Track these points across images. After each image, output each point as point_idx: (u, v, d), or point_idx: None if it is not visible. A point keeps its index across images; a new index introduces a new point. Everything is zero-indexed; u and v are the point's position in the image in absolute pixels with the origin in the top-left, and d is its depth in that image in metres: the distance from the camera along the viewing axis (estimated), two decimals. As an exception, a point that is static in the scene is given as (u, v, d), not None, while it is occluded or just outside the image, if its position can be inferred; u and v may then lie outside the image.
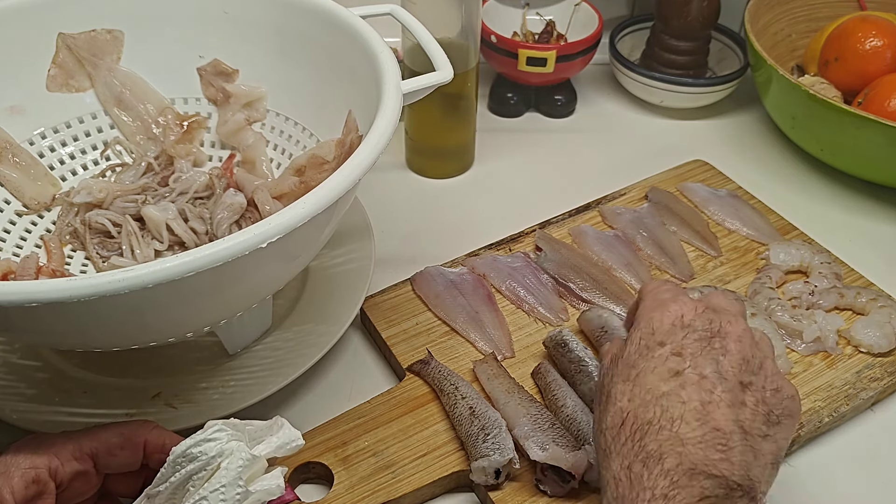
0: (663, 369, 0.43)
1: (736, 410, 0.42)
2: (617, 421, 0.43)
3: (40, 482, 0.41)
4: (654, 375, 0.43)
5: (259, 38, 0.64)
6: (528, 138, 0.86)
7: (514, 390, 0.56)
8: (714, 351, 0.43)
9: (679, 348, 0.44)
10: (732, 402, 0.42)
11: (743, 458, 0.40)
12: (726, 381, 0.42)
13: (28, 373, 0.57)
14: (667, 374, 0.43)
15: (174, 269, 0.38)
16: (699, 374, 0.42)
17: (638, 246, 0.70)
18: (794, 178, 0.82)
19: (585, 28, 0.86)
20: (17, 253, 0.60)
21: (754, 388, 0.43)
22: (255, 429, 0.44)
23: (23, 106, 0.63)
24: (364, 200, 0.69)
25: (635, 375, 0.44)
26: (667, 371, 0.43)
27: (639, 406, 0.42)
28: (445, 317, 0.63)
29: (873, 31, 0.81)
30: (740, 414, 0.42)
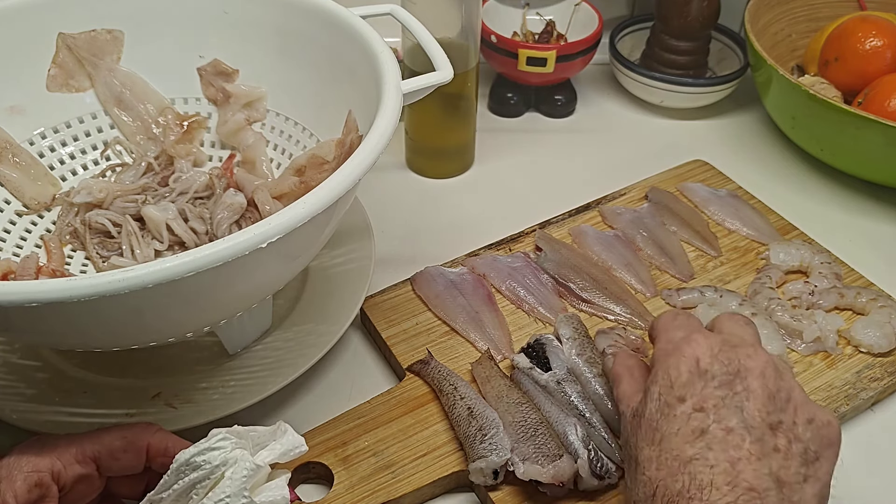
0: (687, 430, 0.42)
1: (768, 462, 0.40)
2: (648, 492, 0.41)
3: (43, 485, 0.41)
4: (678, 438, 0.42)
5: (259, 38, 0.64)
6: (528, 138, 0.86)
7: (503, 394, 0.56)
8: (737, 397, 0.42)
9: (701, 402, 0.42)
10: (763, 453, 0.40)
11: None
12: (754, 430, 0.41)
13: (28, 373, 0.57)
14: (691, 436, 0.41)
15: (174, 269, 0.38)
16: (725, 429, 0.41)
17: (638, 246, 0.70)
18: (794, 178, 0.82)
19: (585, 28, 0.86)
20: (17, 253, 0.60)
21: (785, 427, 0.42)
22: (259, 435, 0.44)
23: (23, 106, 0.63)
24: (364, 200, 0.69)
25: (660, 439, 0.42)
26: (691, 432, 0.41)
27: (667, 476, 0.41)
28: (445, 317, 0.63)
29: (873, 31, 0.81)
30: (773, 464, 0.40)
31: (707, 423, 0.42)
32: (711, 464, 0.40)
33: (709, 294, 0.64)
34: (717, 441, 0.41)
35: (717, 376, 0.43)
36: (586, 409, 0.54)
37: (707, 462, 0.40)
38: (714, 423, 0.41)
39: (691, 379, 0.43)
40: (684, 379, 0.44)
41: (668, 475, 0.41)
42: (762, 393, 0.42)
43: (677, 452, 0.41)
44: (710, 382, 0.43)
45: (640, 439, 0.44)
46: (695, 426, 0.42)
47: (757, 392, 0.42)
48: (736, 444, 0.41)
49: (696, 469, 0.40)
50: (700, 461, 0.40)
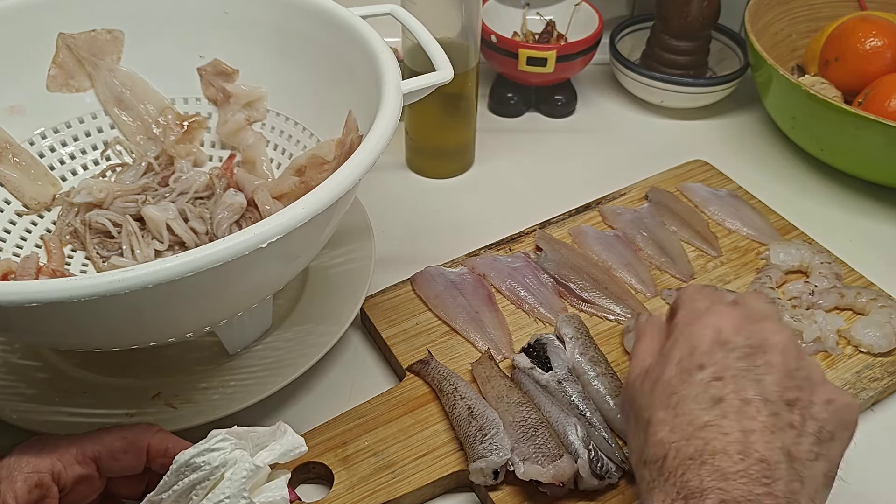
0: (705, 397, 0.42)
1: (781, 436, 0.40)
2: (659, 454, 0.41)
3: (43, 486, 0.41)
4: (694, 404, 0.42)
5: (259, 38, 0.64)
6: (528, 138, 0.86)
7: (503, 394, 0.56)
8: (757, 370, 0.42)
9: (720, 371, 0.43)
10: (777, 427, 0.40)
11: (789, 489, 0.39)
12: (771, 403, 0.41)
13: (28, 373, 0.57)
14: (708, 403, 0.42)
15: (174, 269, 0.38)
16: (742, 400, 0.41)
17: (638, 246, 0.70)
18: (794, 178, 0.82)
19: (585, 28, 0.86)
20: (17, 253, 0.60)
21: (801, 404, 0.41)
22: (259, 435, 0.44)
23: (23, 106, 0.63)
24: (364, 200, 0.69)
25: (676, 403, 0.42)
26: (708, 399, 0.42)
27: (680, 439, 0.41)
28: (445, 317, 0.63)
29: (873, 31, 0.81)
30: (786, 439, 0.40)
31: (724, 392, 0.42)
32: (725, 431, 0.40)
33: None
34: (733, 410, 0.41)
35: (738, 348, 0.43)
36: (587, 409, 0.54)
37: (721, 429, 0.40)
38: (731, 393, 0.41)
39: (712, 348, 0.44)
40: (705, 347, 0.44)
41: (681, 438, 0.41)
42: (782, 368, 0.42)
43: (692, 417, 0.41)
44: (730, 353, 0.43)
45: (654, 401, 0.44)
46: (712, 394, 0.42)
47: (777, 367, 0.42)
48: (751, 416, 0.41)
49: (709, 435, 0.40)
50: (714, 428, 0.40)
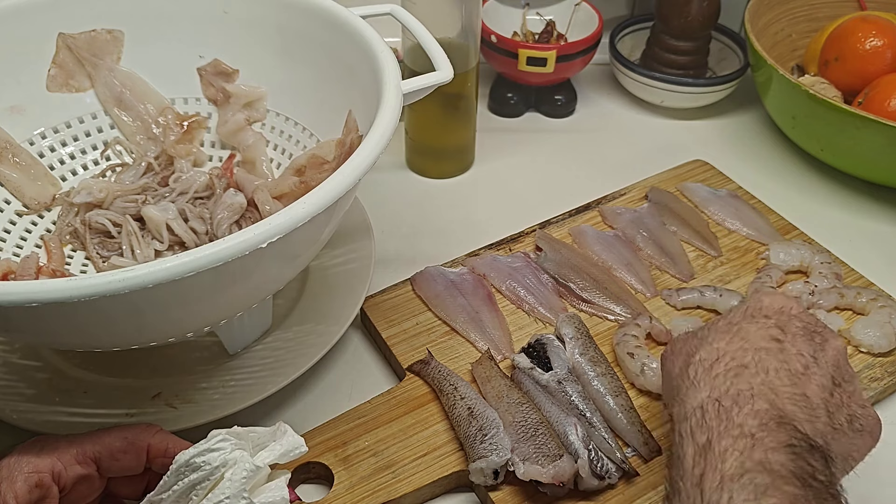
0: (765, 333, 0.44)
1: (825, 393, 0.42)
2: (712, 356, 0.43)
3: (43, 486, 0.41)
4: (755, 334, 0.44)
5: (259, 38, 0.64)
6: (528, 138, 0.86)
7: (503, 394, 0.56)
8: (814, 343, 0.44)
9: (783, 324, 0.45)
10: (822, 385, 0.42)
11: (825, 430, 0.41)
12: (820, 368, 0.43)
13: (28, 373, 0.57)
14: (768, 338, 0.44)
15: (174, 269, 0.38)
16: (797, 350, 0.43)
17: (638, 246, 0.70)
18: (794, 178, 0.82)
19: (585, 28, 0.86)
20: (17, 253, 0.60)
21: (843, 391, 0.43)
22: (259, 435, 0.44)
23: (23, 106, 0.63)
24: (364, 200, 0.69)
25: (736, 329, 0.45)
26: (768, 335, 0.44)
27: (737, 350, 0.43)
28: (445, 317, 0.63)
29: (873, 31, 0.81)
30: (828, 398, 0.42)
31: (784, 338, 0.44)
32: (781, 360, 0.42)
33: (708, 294, 0.64)
34: (790, 353, 0.43)
35: (802, 321, 0.45)
36: (587, 409, 0.54)
37: (777, 357, 0.42)
38: (790, 343, 0.43)
39: (780, 312, 0.46)
40: (774, 309, 0.46)
41: (738, 349, 0.43)
42: (833, 356, 0.44)
43: (751, 339, 0.43)
44: (795, 321, 0.45)
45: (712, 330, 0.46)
46: (773, 333, 0.44)
47: (829, 353, 0.44)
48: (804, 364, 0.42)
49: (766, 356, 0.42)
50: (772, 352, 0.43)
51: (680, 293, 0.65)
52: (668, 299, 0.65)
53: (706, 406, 0.41)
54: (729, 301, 0.63)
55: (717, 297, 0.63)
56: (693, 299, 0.64)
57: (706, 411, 0.40)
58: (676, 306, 0.64)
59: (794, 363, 0.42)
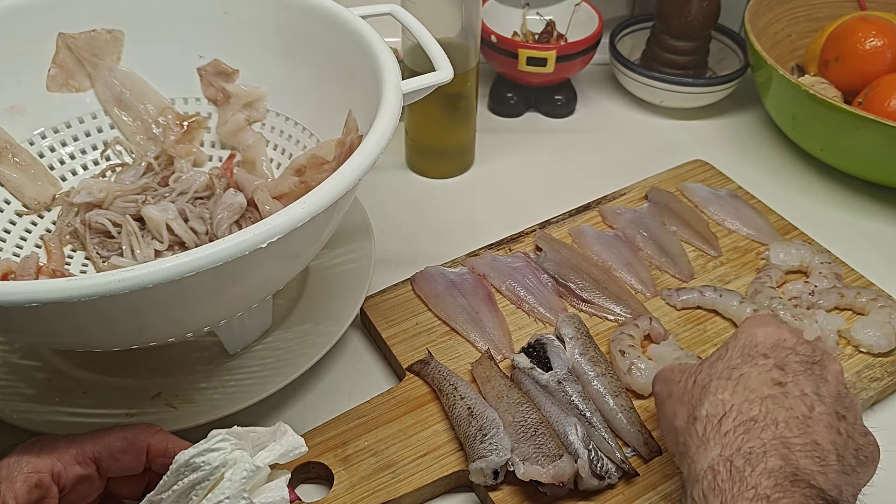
0: (766, 377, 0.43)
1: (833, 434, 0.41)
2: (718, 410, 0.42)
3: (43, 486, 0.41)
4: (757, 380, 0.43)
5: (259, 38, 0.64)
6: (528, 138, 0.86)
7: (503, 394, 0.56)
8: (814, 376, 0.43)
9: (782, 363, 0.43)
10: (830, 425, 0.41)
11: (838, 478, 0.40)
12: (825, 405, 0.42)
13: (28, 373, 0.57)
14: (770, 382, 0.42)
15: (174, 269, 0.38)
16: (800, 391, 0.42)
17: (638, 246, 0.70)
18: (794, 178, 0.82)
19: (585, 28, 0.86)
20: (17, 253, 0.60)
21: (847, 422, 0.43)
22: (259, 435, 0.44)
23: (23, 106, 0.63)
24: (364, 200, 0.69)
25: (738, 376, 0.43)
26: (770, 379, 0.43)
27: (743, 402, 0.42)
28: (445, 317, 0.63)
29: (873, 31, 0.81)
30: (836, 438, 0.41)
31: (786, 379, 0.43)
32: (788, 407, 0.41)
33: (708, 294, 0.64)
34: (794, 395, 0.42)
35: (799, 354, 0.44)
36: (587, 409, 0.54)
37: (783, 405, 0.41)
38: (792, 384, 0.42)
39: (776, 347, 0.45)
40: (770, 344, 0.45)
41: (744, 402, 0.42)
42: (835, 385, 0.44)
43: (754, 387, 0.42)
44: (792, 356, 0.44)
45: (713, 373, 0.44)
46: (774, 376, 0.43)
47: (831, 383, 0.43)
48: (809, 406, 0.41)
49: (771, 406, 0.41)
50: (778, 400, 0.41)
51: (680, 293, 0.65)
52: (668, 299, 0.65)
53: (717, 467, 0.40)
54: (729, 301, 0.63)
55: (718, 297, 0.63)
56: (693, 299, 0.64)
57: (718, 472, 0.39)
58: (676, 306, 0.64)
59: (800, 407, 0.41)
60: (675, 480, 0.53)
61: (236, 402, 0.54)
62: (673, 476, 0.53)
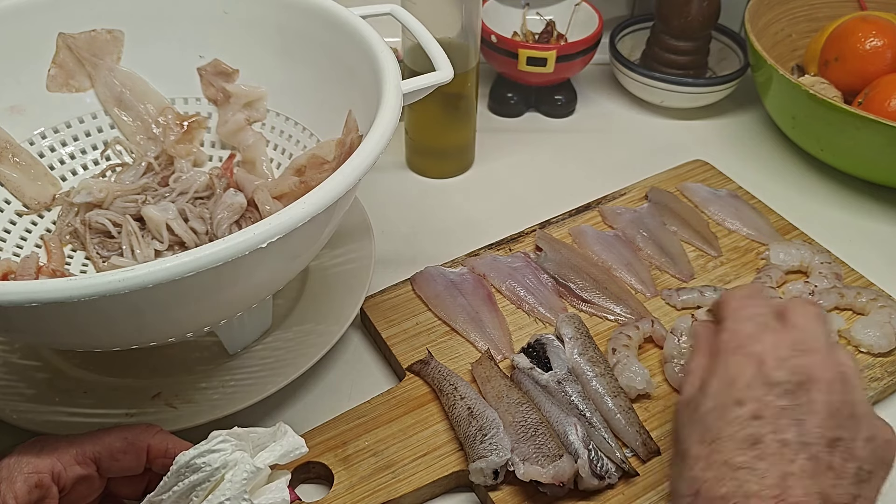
0: (741, 436, 0.41)
1: (819, 481, 0.39)
2: (692, 489, 0.41)
3: (43, 486, 0.41)
4: (731, 443, 0.41)
5: (259, 38, 0.64)
6: (528, 138, 0.86)
7: (503, 394, 0.56)
8: (799, 409, 0.41)
9: (759, 410, 0.41)
10: (816, 471, 0.39)
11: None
12: (810, 447, 0.40)
13: (28, 373, 0.57)
14: (744, 443, 0.40)
15: (174, 269, 0.38)
16: (780, 441, 0.40)
17: (638, 246, 0.70)
18: (794, 178, 0.82)
19: (585, 28, 0.86)
20: (17, 253, 0.60)
21: (843, 443, 0.40)
22: (259, 436, 0.44)
23: (23, 106, 0.63)
24: (364, 200, 0.69)
25: (711, 440, 0.41)
26: (744, 438, 0.40)
27: (713, 478, 0.40)
28: (445, 317, 0.63)
29: (873, 31, 0.81)
30: (824, 482, 0.39)
31: (763, 432, 0.40)
32: (762, 475, 0.39)
33: (708, 294, 0.64)
34: (771, 453, 0.40)
35: (780, 384, 0.42)
36: (587, 409, 0.54)
37: (756, 472, 0.39)
38: (770, 434, 0.40)
39: (753, 383, 0.42)
40: (746, 380, 0.42)
41: (714, 478, 0.40)
42: (825, 409, 0.41)
43: (727, 457, 0.40)
44: (772, 390, 0.42)
45: (691, 434, 0.43)
46: (750, 433, 0.40)
47: (820, 405, 0.41)
48: (789, 459, 0.39)
49: (744, 477, 0.39)
50: (749, 470, 0.39)
51: (680, 293, 0.65)
52: (668, 299, 0.65)
53: None
54: None
55: (718, 297, 0.63)
56: (693, 299, 0.64)
57: None
58: (676, 306, 0.64)
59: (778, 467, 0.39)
60: (675, 480, 0.53)
61: (236, 402, 0.54)
62: (673, 476, 0.53)
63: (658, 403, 0.57)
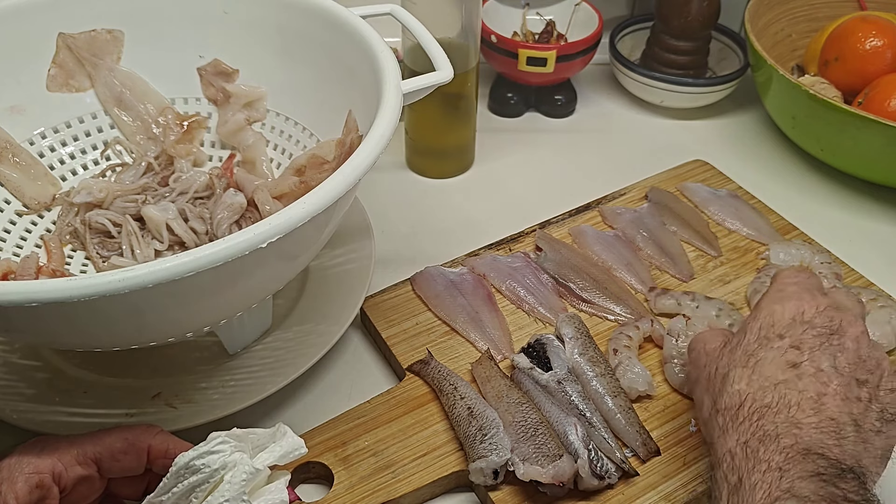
0: (781, 360, 0.45)
1: (850, 404, 0.43)
2: (735, 402, 0.44)
3: (44, 487, 0.41)
4: (772, 365, 0.45)
5: (259, 38, 0.64)
6: (528, 138, 0.86)
7: (503, 394, 0.56)
8: (832, 347, 0.45)
9: (797, 342, 0.46)
10: (846, 397, 0.43)
11: (855, 448, 0.42)
12: (841, 377, 0.44)
13: (28, 373, 0.57)
14: (784, 365, 0.45)
15: (174, 269, 0.38)
16: (816, 368, 0.44)
17: (638, 246, 0.70)
18: (794, 178, 0.82)
19: (585, 28, 0.86)
20: (17, 253, 0.60)
21: (869, 385, 0.44)
22: (258, 437, 0.44)
23: (23, 106, 0.63)
24: (364, 200, 0.69)
25: (754, 363, 0.46)
26: (784, 362, 0.45)
27: (757, 390, 0.44)
28: (445, 317, 0.63)
29: (873, 31, 0.81)
30: (854, 408, 0.43)
31: (801, 359, 0.45)
32: (800, 389, 0.43)
33: (686, 303, 0.63)
34: (808, 375, 0.44)
35: (816, 327, 0.46)
36: (587, 409, 0.54)
37: (797, 387, 0.43)
38: (807, 362, 0.45)
39: (793, 324, 0.47)
40: (786, 321, 0.47)
41: (758, 390, 0.44)
42: (854, 352, 0.45)
43: (769, 374, 0.45)
44: (809, 330, 0.46)
45: (732, 361, 0.47)
46: (789, 359, 0.45)
47: (850, 350, 0.45)
48: (824, 382, 0.44)
49: (786, 390, 0.44)
50: (791, 384, 0.44)
51: (658, 298, 0.64)
52: (651, 301, 0.64)
53: (735, 450, 0.43)
54: (707, 311, 0.62)
55: (695, 307, 0.63)
56: (671, 305, 0.63)
57: (735, 455, 0.42)
58: (653, 310, 0.64)
59: (814, 386, 0.43)
60: (674, 480, 0.53)
61: (236, 402, 0.54)
62: (672, 476, 0.53)
63: (658, 403, 0.57)
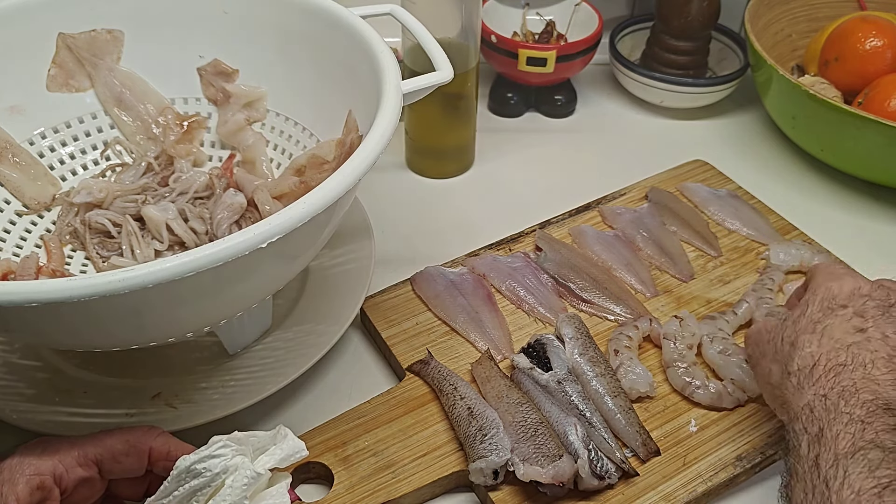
0: (848, 326, 0.46)
1: None
2: (808, 363, 0.45)
3: (45, 488, 0.41)
4: (839, 329, 0.46)
5: (259, 38, 0.64)
6: (528, 138, 0.86)
7: (503, 394, 0.56)
8: (893, 318, 0.46)
9: (861, 311, 0.46)
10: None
11: None
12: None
13: (28, 373, 0.57)
14: (852, 330, 0.46)
15: (174, 269, 0.38)
16: (882, 333, 0.45)
17: (638, 246, 0.70)
18: (794, 178, 0.82)
19: (585, 28, 0.86)
20: (17, 253, 0.60)
21: None
22: (259, 439, 0.44)
23: (23, 106, 0.63)
24: (364, 200, 0.69)
25: (822, 329, 0.46)
26: (852, 327, 0.46)
27: (829, 350, 0.45)
28: (445, 317, 0.63)
29: (873, 31, 0.81)
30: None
31: (866, 325, 0.46)
32: (872, 350, 0.44)
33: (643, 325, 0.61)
34: (875, 339, 0.45)
35: (875, 299, 0.47)
36: (587, 409, 0.54)
37: (868, 347, 0.44)
38: (873, 328, 0.46)
39: (852, 296, 0.48)
40: (846, 294, 0.48)
41: (830, 350, 0.45)
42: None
43: (838, 337, 0.46)
44: (869, 302, 0.47)
45: (798, 329, 0.48)
46: (855, 324, 0.46)
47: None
48: (893, 345, 0.44)
49: (857, 351, 0.44)
50: (862, 345, 0.45)
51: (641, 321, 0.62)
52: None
53: (814, 403, 0.43)
54: None
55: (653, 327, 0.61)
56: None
57: (814, 407, 0.43)
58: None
59: (884, 349, 0.44)
60: (674, 480, 0.53)
61: (236, 403, 0.54)
62: (672, 476, 0.53)
63: (658, 404, 0.57)
